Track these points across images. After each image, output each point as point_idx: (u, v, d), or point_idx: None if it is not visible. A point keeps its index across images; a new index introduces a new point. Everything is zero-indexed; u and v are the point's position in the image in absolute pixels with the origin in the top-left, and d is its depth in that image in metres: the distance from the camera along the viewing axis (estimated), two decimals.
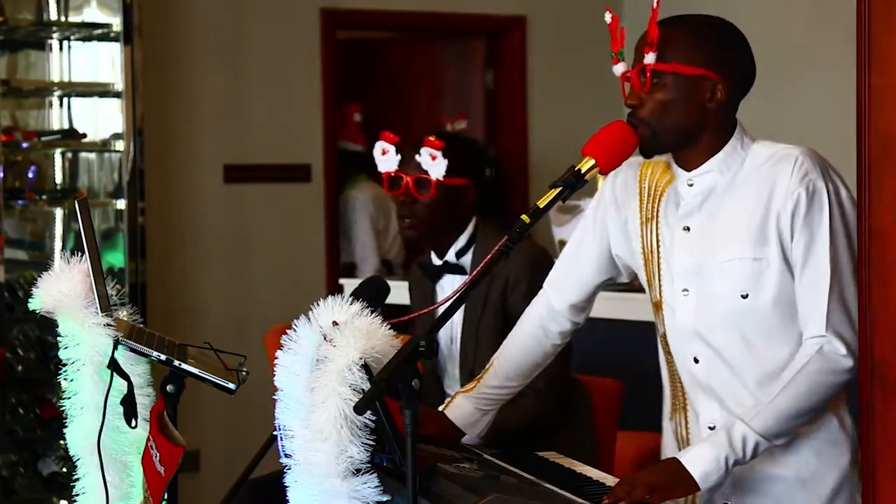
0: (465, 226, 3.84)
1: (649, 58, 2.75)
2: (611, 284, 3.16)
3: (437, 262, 3.88)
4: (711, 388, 2.86)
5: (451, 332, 3.84)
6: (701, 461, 2.66)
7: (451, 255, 3.84)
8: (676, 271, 2.87)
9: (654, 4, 2.75)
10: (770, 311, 2.78)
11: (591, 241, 3.06)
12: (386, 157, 3.81)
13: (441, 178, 3.73)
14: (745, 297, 2.79)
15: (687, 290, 2.85)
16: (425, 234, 3.84)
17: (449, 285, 3.79)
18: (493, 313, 3.74)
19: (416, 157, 3.75)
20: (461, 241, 3.83)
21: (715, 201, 2.83)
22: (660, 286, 2.91)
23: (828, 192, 2.73)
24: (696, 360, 2.87)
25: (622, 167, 2.94)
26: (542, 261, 3.69)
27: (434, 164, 3.73)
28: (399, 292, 3.74)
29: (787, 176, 2.74)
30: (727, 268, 2.80)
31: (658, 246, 2.91)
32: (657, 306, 2.94)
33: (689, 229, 2.86)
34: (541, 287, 3.16)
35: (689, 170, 2.86)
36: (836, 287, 2.70)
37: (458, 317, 3.78)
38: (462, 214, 3.83)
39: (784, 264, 2.76)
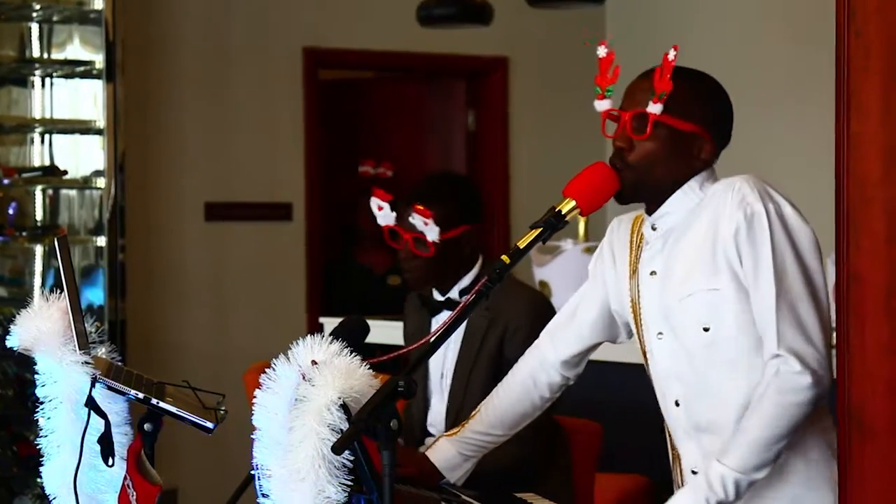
0: (472, 266, 3.83)
1: (655, 108, 2.74)
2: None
3: (439, 297, 3.87)
4: (692, 431, 2.85)
5: (443, 368, 3.82)
6: None
7: (454, 293, 3.82)
8: (647, 316, 2.87)
9: (671, 58, 2.73)
10: (733, 342, 2.76)
11: (590, 299, 3.04)
12: (382, 213, 3.81)
13: (437, 240, 3.73)
14: (706, 330, 2.77)
15: (661, 333, 2.85)
16: (429, 283, 3.85)
17: None
18: (488, 358, 3.71)
19: (410, 218, 3.74)
20: (465, 280, 3.82)
21: (674, 242, 2.83)
22: (641, 335, 2.91)
23: (767, 212, 2.71)
24: (677, 404, 2.86)
25: (619, 221, 2.95)
26: (543, 308, 3.69)
27: (428, 228, 3.72)
28: (379, 331, 3.72)
29: (726, 204, 2.74)
30: (687, 304, 2.79)
31: (639, 296, 2.90)
32: (645, 356, 2.93)
33: (655, 273, 2.86)
34: (540, 334, 3.15)
35: (650, 213, 2.87)
36: (784, 302, 2.68)
37: (453, 353, 3.78)
38: (465, 258, 3.82)
39: (739, 292, 2.74)
